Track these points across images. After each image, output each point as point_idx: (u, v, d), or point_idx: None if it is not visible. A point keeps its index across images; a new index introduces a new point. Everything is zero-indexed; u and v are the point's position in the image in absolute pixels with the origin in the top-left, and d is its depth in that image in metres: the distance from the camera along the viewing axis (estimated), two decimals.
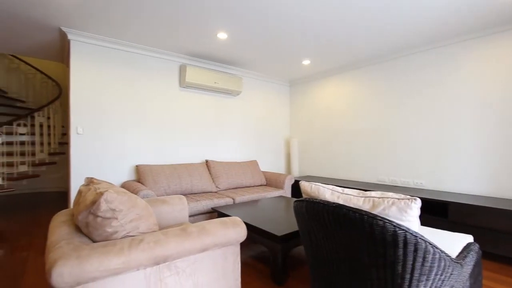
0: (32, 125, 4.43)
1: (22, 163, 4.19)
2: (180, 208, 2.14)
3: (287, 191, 3.75)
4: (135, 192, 2.62)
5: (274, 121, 4.81)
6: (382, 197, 1.12)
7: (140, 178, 3.05)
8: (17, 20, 2.64)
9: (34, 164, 4.31)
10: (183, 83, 3.58)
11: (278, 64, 4.00)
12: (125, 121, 3.26)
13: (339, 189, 1.32)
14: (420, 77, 3.31)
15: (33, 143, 4.54)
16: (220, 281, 1.47)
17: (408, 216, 1.05)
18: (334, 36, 2.98)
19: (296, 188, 4.10)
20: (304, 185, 1.46)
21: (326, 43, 3.19)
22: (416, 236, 0.97)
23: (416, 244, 0.97)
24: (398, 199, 1.08)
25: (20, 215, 3.85)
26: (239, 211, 2.51)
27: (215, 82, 3.70)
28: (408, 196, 1.08)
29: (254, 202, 2.95)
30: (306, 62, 3.88)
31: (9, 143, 4.38)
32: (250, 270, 2.16)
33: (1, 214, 3.88)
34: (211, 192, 3.41)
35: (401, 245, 0.98)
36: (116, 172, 3.18)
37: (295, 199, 3.11)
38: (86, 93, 3.01)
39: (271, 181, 3.94)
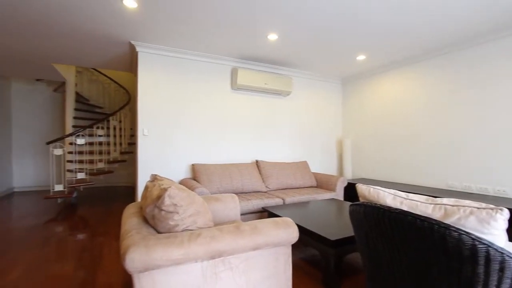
0: (108, 128, 5.10)
1: (100, 160, 4.86)
2: (232, 206, 2.22)
3: (339, 194, 3.58)
4: (191, 189, 2.81)
5: (325, 121, 4.65)
6: (456, 205, 0.99)
7: (196, 176, 3.25)
8: (97, 39, 3.07)
9: (109, 162, 4.96)
10: (234, 85, 3.71)
11: (330, 62, 3.86)
12: (183, 123, 3.52)
13: (402, 194, 1.21)
14: (497, 67, 2.83)
15: (108, 144, 5.23)
16: (271, 280, 1.48)
17: (491, 229, 0.90)
18: (392, 26, 2.75)
19: (349, 191, 3.89)
20: (362, 188, 1.38)
21: (383, 35, 2.95)
22: (503, 253, 0.83)
23: (502, 263, 0.83)
24: (478, 208, 0.93)
25: (98, 205, 4.48)
26: (289, 212, 2.49)
27: (265, 83, 3.75)
28: (492, 206, 0.92)
29: (304, 203, 2.89)
30: (361, 57, 3.66)
31: (90, 144, 5.13)
32: (301, 273, 2.12)
33: (84, 204, 4.56)
34: (261, 192, 3.46)
35: (481, 262, 0.84)
36: (175, 170, 3.46)
37: (349, 202, 2.95)
38: (150, 99, 3.35)
39: (321, 182, 3.81)
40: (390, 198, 1.20)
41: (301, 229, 2.10)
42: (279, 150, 4.20)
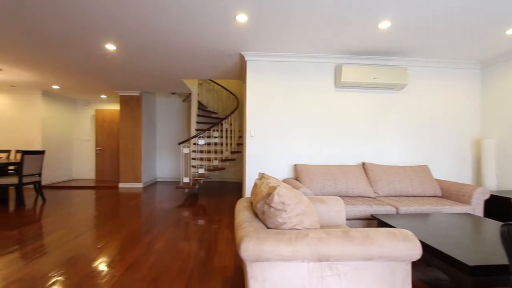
0: (221, 130, 5.86)
1: (215, 158, 5.63)
2: (337, 209, 2.12)
3: (476, 208, 2.84)
4: (294, 188, 2.85)
5: (454, 117, 3.79)
6: None
7: (298, 176, 3.28)
8: (214, 55, 3.56)
9: (221, 160, 5.69)
10: (338, 84, 3.54)
11: (460, 42, 3.12)
12: (286, 124, 3.63)
13: None
14: None
15: (221, 144, 6.01)
16: None
17: None
18: None
19: (493, 206, 3.02)
20: None
21: None
22: None
23: None
24: None
25: (213, 196, 5.19)
26: (406, 224, 2.16)
27: (373, 78, 3.39)
28: None
29: (425, 215, 2.44)
30: None
31: (208, 144, 6.03)
32: None
33: (203, 195, 5.39)
34: (368, 197, 3.15)
35: None
36: (278, 169, 3.61)
37: (492, 220, 2.29)
38: (257, 102, 3.62)
39: (449, 192, 3.12)
40: None
41: (424, 245, 1.77)
42: (390, 152, 3.71)
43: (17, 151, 5.26)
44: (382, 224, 2.27)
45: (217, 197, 5.14)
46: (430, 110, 3.76)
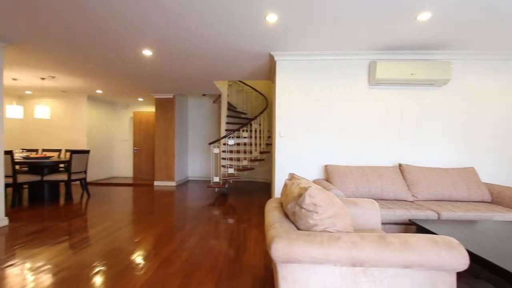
0: (250, 131, 5.91)
1: (244, 158, 5.69)
2: (371, 213, 2.02)
3: None
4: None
5: (507, 114, 3.42)
6: None
7: (329, 177, 3.19)
8: (244, 56, 3.60)
9: (251, 160, 5.73)
10: (372, 81, 3.38)
11: None
12: (316, 124, 3.55)
13: None
14: None
15: (250, 144, 6.05)
16: None
17: None
18: None
19: None
20: None
21: None
22: None
23: None
24: None
25: (242, 196, 5.25)
26: (449, 231, 1.99)
27: (411, 74, 3.18)
28: None
29: (471, 222, 2.23)
30: None
31: (237, 144, 6.11)
32: None
33: (232, 194, 5.47)
34: (405, 201, 2.97)
35: None
36: (308, 170, 3.54)
37: None
38: (286, 102, 3.59)
39: (501, 197, 2.83)
40: None
41: (471, 255, 1.62)
42: (430, 152, 3.45)
43: (66, 151, 5.79)
44: (421, 230, 2.12)
45: (246, 197, 5.19)
46: (477, 107, 3.43)
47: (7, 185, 4.05)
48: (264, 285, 1.94)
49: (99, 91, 6.28)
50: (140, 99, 7.47)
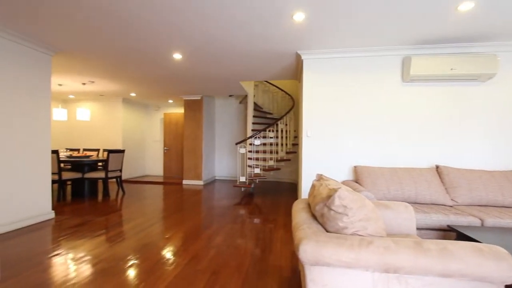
0: (276, 131, 5.88)
1: (270, 159, 5.68)
2: (405, 217, 1.91)
3: None
4: None
5: None
6: None
7: (358, 178, 3.08)
8: (271, 56, 3.60)
9: (277, 160, 5.70)
10: (406, 77, 3.19)
11: None
12: (345, 124, 3.44)
13: None
14: None
15: (276, 144, 6.03)
16: None
17: None
18: None
19: None
20: None
21: None
22: None
23: None
24: None
25: (268, 196, 5.24)
26: (496, 239, 1.82)
27: (451, 69, 2.96)
28: None
29: None
30: None
31: (264, 144, 6.12)
32: None
33: (259, 194, 5.49)
34: (443, 205, 2.77)
35: None
36: (337, 171, 3.44)
37: None
38: (314, 101, 3.52)
39: None
40: None
41: None
42: (471, 154, 3.19)
43: (104, 150, 6.21)
44: (462, 237, 1.97)
45: (272, 197, 5.18)
46: None
47: (53, 182, 4.43)
48: (291, 287, 1.92)
49: (133, 94, 6.64)
50: (170, 101, 7.77)
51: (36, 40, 3.22)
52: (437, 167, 3.09)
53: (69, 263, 2.27)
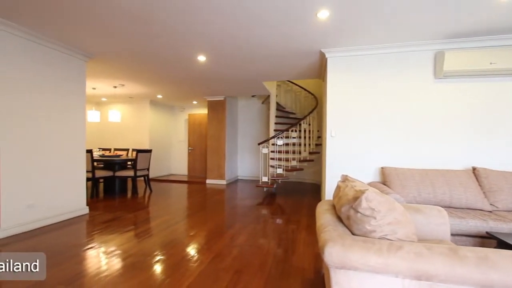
0: (299, 131, 5.81)
1: (293, 159, 5.62)
2: (438, 222, 1.80)
3: None
4: None
5: None
6: None
7: (386, 180, 2.95)
8: (294, 55, 3.56)
9: (300, 160, 5.63)
10: (439, 74, 3.01)
11: None
12: (371, 123, 3.32)
13: None
14: None
15: (299, 144, 5.95)
16: None
17: None
18: None
19: None
20: None
21: None
22: None
23: None
24: None
25: (291, 197, 5.19)
26: None
27: (490, 63, 2.74)
28: None
29: None
30: None
31: (286, 144, 6.07)
32: None
33: (281, 194, 5.45)
34: (481, 210, 2.57)
35: None
36: (362, 172, 3.32)
37: None
38: (338, 101, 3.43)
39: None
40: None
41: None
42: None
43: (133, 150, 6.50)
44: (504, 245, 1.81)
45: (295, 198, 5.12)
46: None
47: (87, 179, 4.72)
48: None
49: (159, 96, 6.90)
50: (194, 102, 7.97)
51: (73, 47, 3.46)
52: (474, 169, 2.88)
53: (101, 256, 2.41)
